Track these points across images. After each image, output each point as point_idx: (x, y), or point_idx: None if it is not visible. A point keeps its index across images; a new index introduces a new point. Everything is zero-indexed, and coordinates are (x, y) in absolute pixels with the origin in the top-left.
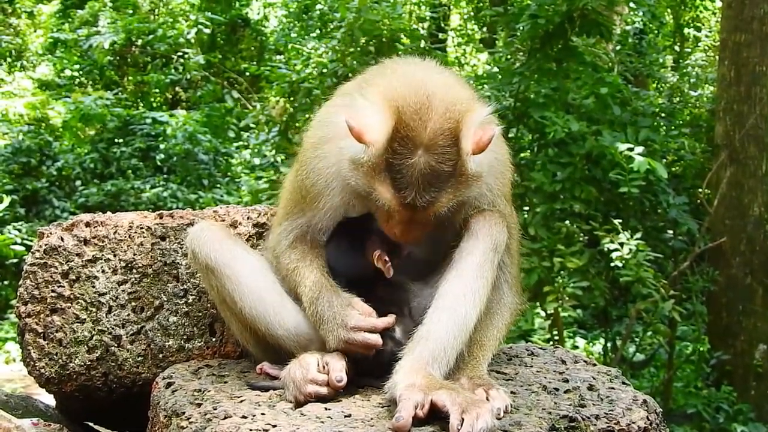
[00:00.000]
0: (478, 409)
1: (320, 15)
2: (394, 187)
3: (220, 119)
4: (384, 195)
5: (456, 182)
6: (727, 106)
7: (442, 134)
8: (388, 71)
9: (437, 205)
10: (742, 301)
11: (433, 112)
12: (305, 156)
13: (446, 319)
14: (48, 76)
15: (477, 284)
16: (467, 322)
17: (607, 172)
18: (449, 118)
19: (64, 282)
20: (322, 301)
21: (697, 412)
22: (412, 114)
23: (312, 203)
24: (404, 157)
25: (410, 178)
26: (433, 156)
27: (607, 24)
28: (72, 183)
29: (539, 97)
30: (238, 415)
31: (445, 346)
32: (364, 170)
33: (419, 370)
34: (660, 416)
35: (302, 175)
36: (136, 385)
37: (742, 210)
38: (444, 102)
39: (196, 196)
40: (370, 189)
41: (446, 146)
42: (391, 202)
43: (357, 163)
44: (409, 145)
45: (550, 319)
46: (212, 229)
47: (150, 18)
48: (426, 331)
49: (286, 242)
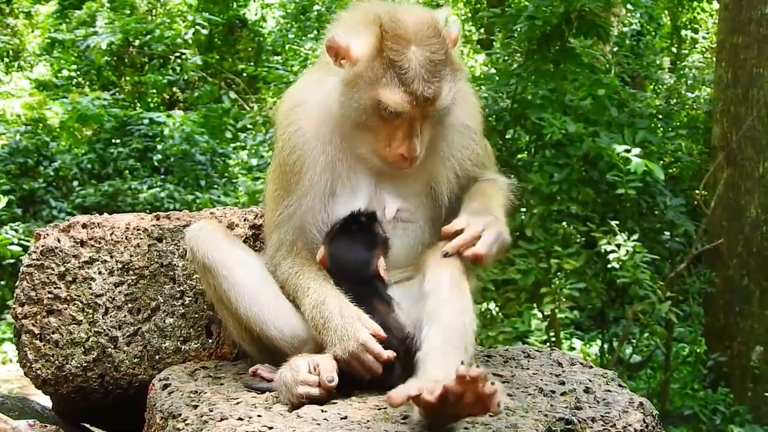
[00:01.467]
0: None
1: (318, 16)
2: (401, 84)
3: (217, 120)
4: (392, 97)
5: (451, 71)
6: (724, 107)
7: (425, 27)
8: (344, 14)
9: (442, 96)
10: (739, 303)
11: (408, 14)
12: (279, 128)
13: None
14: (45, 76)
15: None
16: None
17: (604, 173)
18: (423, 16)
19: (61, 283)
20: (329, 306)
21: (694, 414)
22: (391, 18)
23: (294, 175)
24: (401, 53)
25: (414, 70)
26: (425, 47)
27: (605, 25)
28: (69, 183)
29: (536, 99)
30: (234, 417)
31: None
32: (364, 82)
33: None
34: (656, 419)
35: (279, 149)
36: (132, 386)
37: (739, 212)
38: (410, 8)
39: (193, 197)
40: (373, 100)
41: (432, 36)
42: (401, 101)
43: (354, 79)
44: (401, 42)
45: (546, 321)
46: (210, 229)
47: (147, 18)
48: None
49: (283, 250)
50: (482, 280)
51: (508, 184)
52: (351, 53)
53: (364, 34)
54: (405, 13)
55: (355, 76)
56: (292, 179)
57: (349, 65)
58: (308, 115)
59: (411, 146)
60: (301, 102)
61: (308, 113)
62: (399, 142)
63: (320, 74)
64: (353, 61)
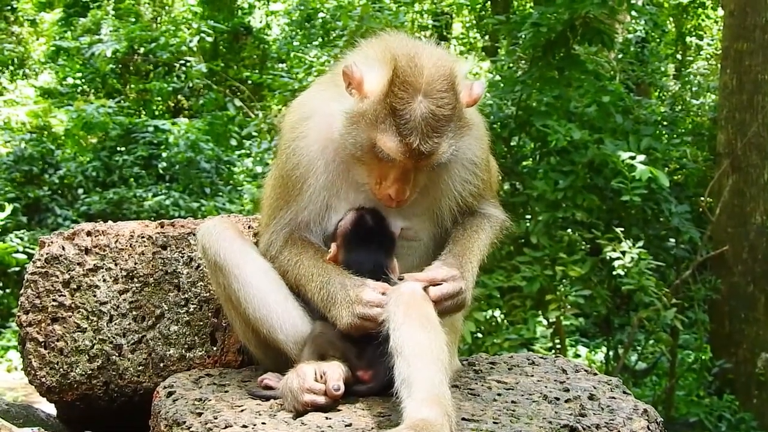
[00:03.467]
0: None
1: (322, 23)
2: (398, 134)
3: (222, 127)
4: (387, 144)
5: (455, 128)
6: (729, 114)
7: (438, 79)
8: (367, 43)
9: (439, 152)
10: (745, 310)
11: (427, 60)
12: (284, 139)
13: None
14: (50, 84)
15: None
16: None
17: (609, 180)
18: (442, 66)
19: (65, 291)
20: (333, 283)
21: (699, 421)
22: (408, 62)
23: (296, 189)
24: (406, 102)
25: (414, 123)
26: (432, 100)
27: (609, 32)
28: (74, 191)
29: (541, 106)
30: (238, 425)
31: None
32: (365, 122)
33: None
34: (661, 425)
35: (283, 161)
36: (137, 394)
37: (744, 218)
38: (433, 53)
39: (198, 205)
40: (370, 142)
41: (443, 90)
42: (395, 151)
43: (357, 115)
44: (410, 90)
45: (552, 328)
46: (224, 227)
47: (152, 26)
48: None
49: (278, 243)
50: (487, 288)
51: (501, 222)
52: (363, 87)
53: (380, 71)
54: (425, 58)
55: (359, 112)
56: (292, 192)
57: (358, 97)
58: (314, 131)
59: (400, 190)
60: (309, 116)
61: (315, 129)
62: (390, 183)
63: (330, 89)
64: (363, 94)
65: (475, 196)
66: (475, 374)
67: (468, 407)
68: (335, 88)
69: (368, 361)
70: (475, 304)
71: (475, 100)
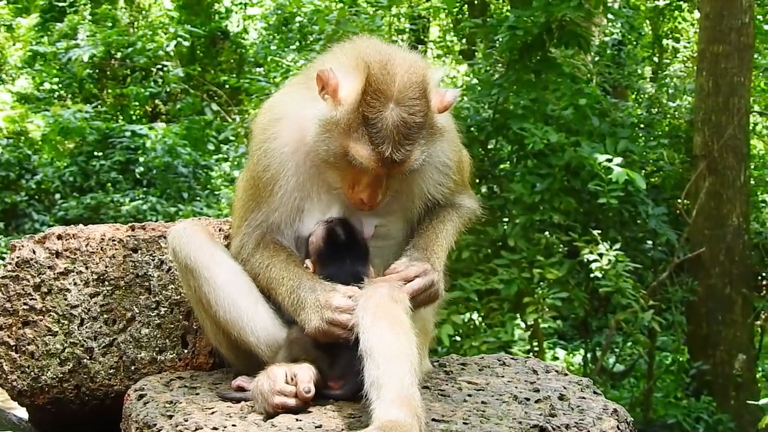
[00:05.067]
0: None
1: (299, 27)
2: (371, 143)
3: (199, 132)
4: (360, 152)
5: (427, 134)
6: (705, 116)
7: (410, 87)
8: (341, 48)
9: (411, 159)
10: (722, 311)
11: (399, 67)
12: (256, 141)
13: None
14: (27, 89)
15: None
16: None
17: (586, 182)
18: (414, 73)
19: (36, 295)
20: (303, 287)
21: (677, 423)
22: (381, 69)
23: (266, 191)
24: (378, 111)
25: (386, 131)
26: (404, 108)
27: (586, 35)
28: (51, 196)
29: (518, 109)
30: (209, 427)
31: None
32: (338, 130)
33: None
34: (631, 425)
35: (254, 163)
36: (108, 397)
37: (720, 220)
38: (405, 60)
39: (175, 209)
40: (343, 149)
41: (415, 98)
42: (367, 159)
43: (330, 122)
44: (381, 99)
45: (530, 330)
46: (195, 230)
47: (129, 31)
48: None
49: (251, 245)
50: (465, 291)
51: (471, 210)
52: (337, 94)
53: (353, 78)
54: (397, 65)
55: (332, 120)
56: (263, 193)
57: (332, 103)
58: (286, 133)
59: (372, 195)
60: (280, 117)
61: (286, 131)
62: (362, 188)
63: (302, 91)
64: (337, 101)
65: (447, 195)
66: (445, 375)
67: (438, 408)
68: (307, 91)
69: (340, 371)
70: (453, 307)
71: (446, 107)
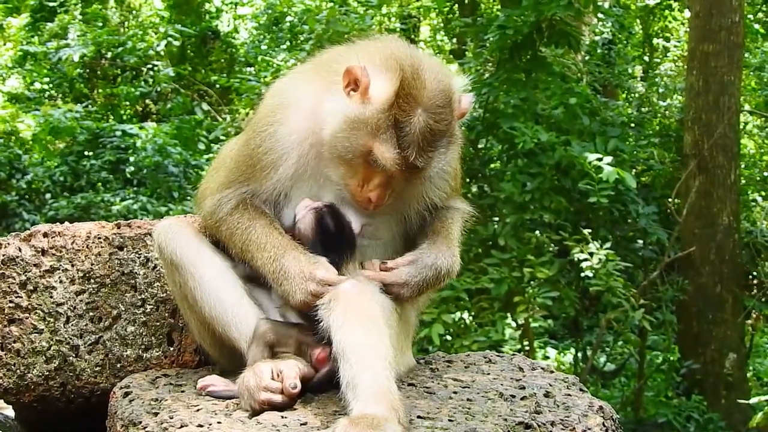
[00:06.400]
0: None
1: (290, 27)
2: (397, 146)
3: (190, 131)
4: (385, 154)
5: (447, 142)
6: (695, 115)
7: (438, 94)
8: (367, 45)
9: (431, 166)
10: (712, 310)
11: (428, 73)
12: (260, 123)
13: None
14: (17, 89)
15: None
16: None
17: (576, 182)
18: (441, 80)
19: (22, 292)
20: (287, 257)
21: (667, 422)
22: (413, 74)
23: (262, 172)
24: (408, 115)
25: (412, 136)
26: (431, 115)
27: (576, 34)
28: (42, 196)
29: (508, 108)
30: (194, 424)
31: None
32: (365, 129)
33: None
34: (616, 422)
35: (255, 142)
36: (94, 395)
37: (711, 219)
38: (433, 66)
39: (166, 209)
40: (366, 149)
41: (442, 106)
42: (391, 162)
43: (357, 120)
44: (412, 103)
45: (520, 330)
46: (181, 226)
47: (120, 30)
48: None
49: (230, 204)
50: (456, 290)
51: (468, 212)
52: (368, 92)
53: (386, 79)
54: (427, 71)
55: (361, 119)
56: (258, 173)
57: (359, 100)
58: (294, 121)
59: (381, 196)
60: (290, 103)
61: (294, 119)
62: (372, 188)
63: (314, 81)
64: (366, 99)
65: (443, 199)
66: (431, 372)
67: (423, 405)
68: (321, 82)
69: (322, 336)
70: (443, 306)
71: (462, 114)
